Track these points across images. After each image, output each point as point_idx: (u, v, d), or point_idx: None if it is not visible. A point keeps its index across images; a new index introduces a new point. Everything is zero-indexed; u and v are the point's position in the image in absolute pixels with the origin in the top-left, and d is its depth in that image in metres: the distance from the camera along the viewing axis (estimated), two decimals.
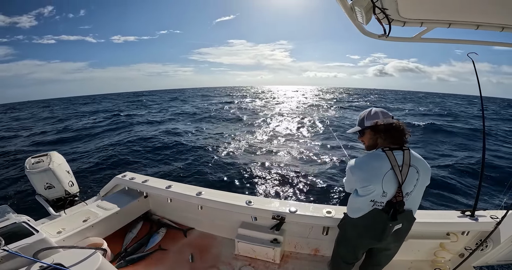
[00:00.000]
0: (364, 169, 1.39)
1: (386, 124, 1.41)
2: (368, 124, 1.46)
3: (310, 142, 10.49)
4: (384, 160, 1.33)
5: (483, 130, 2.01)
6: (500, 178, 6.34)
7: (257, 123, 15.64)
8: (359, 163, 1.42)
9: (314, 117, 17.92)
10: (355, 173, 1.41)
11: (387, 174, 1.31)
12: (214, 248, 2.52)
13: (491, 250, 1.93)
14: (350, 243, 1.67)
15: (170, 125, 15.22)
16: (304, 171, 6.88)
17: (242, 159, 7.97)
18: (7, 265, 1.45)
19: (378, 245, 1.56)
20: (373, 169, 1.35)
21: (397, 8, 1.18)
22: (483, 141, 1.99)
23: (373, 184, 1.34)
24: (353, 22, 1.31)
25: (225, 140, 10.79)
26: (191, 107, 27.54)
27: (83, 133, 13.71)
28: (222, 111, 22.12)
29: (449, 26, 1.33)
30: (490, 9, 1.16)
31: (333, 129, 13.18)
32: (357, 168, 1.41)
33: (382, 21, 1.27)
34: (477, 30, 1.33)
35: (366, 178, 1.37)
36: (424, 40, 1.47)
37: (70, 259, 1.46)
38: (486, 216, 1.96)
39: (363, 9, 1.15)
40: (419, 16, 1.30)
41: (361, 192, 1.41)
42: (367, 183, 1.36)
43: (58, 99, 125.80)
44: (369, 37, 1.47)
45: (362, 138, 1.55)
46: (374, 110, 1.48)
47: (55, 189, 2.85)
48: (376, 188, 1.34)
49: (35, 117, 26.46)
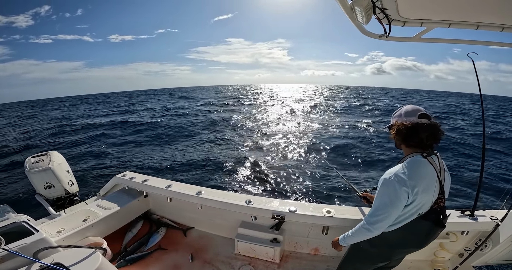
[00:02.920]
0: (420, 180, 1.19)
1: (410, 123, 1.24)
2: (398, 120, 1.32)
3: (310, 142, 10.49)
4: (429, 167, 1.22)
5: (483, 130, 2.01)
6: (500, 178, 6.35)
7: (257, 123, 15.64)
8: (410, 175, 1.18)
9: (312, 118, 17.93)
10: (410, 185, 1.16)
11: (436, 181, 1.23)
12: (214, 248, 2.52)
13: (490, 250, 1.93)
14: (373, 258, 1.50)
15: (171, 122, 15.23)
16: (304, 171, 6.89)
17: (242, 159, 7.97)
18: (7, 264, 1.45)
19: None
20: (428, 177, 1.21)
21: (397, 8, 1.18)
22: (483, 141, 1.98)
23: (429, 194, 1.21)
24: (353, 22, 1.31)
25: (225, 141, 10.79)
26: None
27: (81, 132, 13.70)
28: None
29: (449, 26, 1.33)
30: (490, 9, 1.16)
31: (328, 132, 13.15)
32: (412, 180, 1.17)
33: (382, 21, 1.27)
34: (477, 30, 1.33)
35: (424, 189, 1.19)
36: (424, 40, 1.47)
37: (70, 259, 1.46)
38: (486, 216, 1.96)
39: (363, 9, 1.15)
40: (419, 16, 1.30)
41: (410, 207, 1.22)
42: (424, 195, 1.20)
43: (45, 99, 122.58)
44: (369, 37, 1.47)
45: (392, 136, 1.39)
46: (404, 108, 1.33)
47: (55, 188, 2.85)
48: (429, 198, 1.22)
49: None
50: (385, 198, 1.22)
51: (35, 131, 15.39)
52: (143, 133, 12.92)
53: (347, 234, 1.45)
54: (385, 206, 1.22)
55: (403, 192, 1.17)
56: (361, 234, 1.35)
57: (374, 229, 1.27)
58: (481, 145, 2.00)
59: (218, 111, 22.08)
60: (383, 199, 1.23)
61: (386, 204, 1.22)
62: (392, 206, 1.20)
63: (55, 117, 22.68)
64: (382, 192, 1.23)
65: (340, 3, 1.17)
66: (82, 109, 30.53)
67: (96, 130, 14.01)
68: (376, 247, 1.42)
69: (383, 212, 1.23)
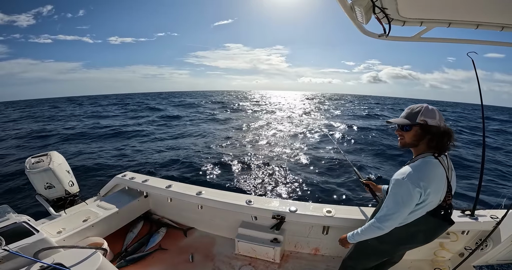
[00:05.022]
0: (432, 181, 1.21)
1: (444, 128, 1.25)
2: (421, 121, 1.27)
3: (310, 142, 10.49)
4: (441, 168, 1.25)
5: (483, 129, 2.01)
6: (500, 178, 6.35)
7: (257, 124, 15.65)
8: (423, 176, 1.21)
9: (312, 120, 17.94)
10: (423, 187, 1.19)
11: (445, 181, 1.26)
12: (214, 248, 2.52)
13: (491, 250, 1.93)
14: (380, 253, 1.55)
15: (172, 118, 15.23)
16: (303, 171, 6.89)
17: (242, 159, 7.97)
18: (7, 265, 1.45)
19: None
20: (439, 179, 1.24)
21: (396, 7, 1.18)
22: (483, 140, 1.98)
23: (438, 193, 1.25)
24: (353, 22, 1.31)
25: (224, 141, 10.79)
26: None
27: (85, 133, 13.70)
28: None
29: (449, 26, 1.33)
30: (490, 9, 1.16)
31: (329, 130, 13.16)
32: (425, 181, 1.19)
33: (382, 21, 1.27)
34: (476, 29, 1.33)
35: (435, 189, 1.22)
36: (423, 39, 1.47)
37: (71, 259, 1.46)
38: (486, 216, 1.96)
39: (363, 9, 1.15)
40: (419, 16, 1.30)
41: (420, 205, 1.26)
42: (434, 195, 1.23)
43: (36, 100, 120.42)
44: (369, 36, 1.47)
45: (404, 133, 1.34)
46: (430, 107, 1.30)
47: (55, 189, 2.85)
48: (438, 197, 1.25)
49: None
50: (397, 198, 1.25)
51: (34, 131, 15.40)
52: (142, 133, 12.93)
53: (356, 232, 1.47)
54: (398, 206, 1.25)
55: (416, 192, 1.20)
56: (371, 232, 1.38)
57: (385, 227, 1.30)
58: (481, 144, 2.00)
59: (221, 111, 22.12)
60: (396, 198, 1.25)
61: (398, 203, 1.25)
62: (405, 206, 1.24)
63: (54, 116, 22.74)
64: (395, 192, 1.26)
65: (340, 3, 1.17)
66: (85, 108, 30.40)
67: (96, 130, 14.01)
68: (384, 243, 1.45)
69: (395, 211, 1.26)
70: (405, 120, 1.32)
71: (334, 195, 5.48)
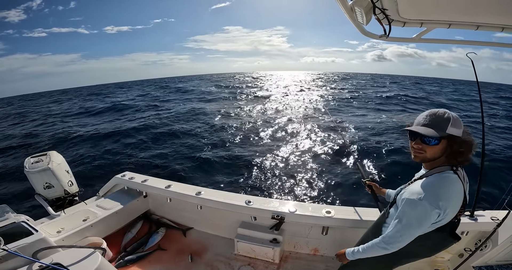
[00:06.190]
0: (451, 199, 1.10)
1: (470, 140, 1.11)
2: (453, 132, 1.06)
3: (310, 141, 10.49)
4: (460, 184, 1.11)
5: (483, 129, 2.01)
6: (500, 177, 6.35)
7: (254, 119, 15.62)
8: (442, 195, 1.07)
9: (313, 112, 17.74)
10: (442, 207, 1.06)
11: (463, 196, 1.14)
12: (214, 248, 2.52)
13: (490, 250, 1.93)
14: (381, 265, 1.44)
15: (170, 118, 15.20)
16: (303, 171, 6.89)
17: (242, 158, 7.97)
18: (6, 264, 1.45)
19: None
20: (458, 196, 1.12)
21: (397, 8, 1.18)
22: (482, 140, 1.98)
23: (457, 210, 1.13)
24: (353, 22, 1.31)
25: (223, 138, 10.79)
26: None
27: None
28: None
29: (449, 27, 1.33)
30: (490, 9, 1.16)
31: (335, 121, 12.97)
32: (443, 201, 1.06)
33: (382, 22, 1.27)
34: (477, 30, 1.33)
35: (453, 207, 1.11)
36: (424, 40, 1.47)
37: (69, 259, 1.46)
38: (486, 216, 1.96)
39: (363, 10, 1.15)
40: (419, 17, 1.30)
41: (435, 225, 1.15)
42: (452, 213, 1.12)
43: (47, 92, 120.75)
44: (369, 37, 1.47)
45: (427, 147, 1.12)
46: (454, 114, 1.09)
47: (55, 188, 2.84)
48: (455, 213, 1.14)
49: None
50: (411, 220, 1.11)
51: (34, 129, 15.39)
52: (141, 131, 12.92)
53: (357, 250, 1.36)
54: (410, 229, 1.13)
55: (435, 214, 1.07)
56: (375, 251, 1.27)
57: (392, 248, 1.19)
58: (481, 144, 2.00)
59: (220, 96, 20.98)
60: (409, 221, 1.12)
61: (411, 226, 1.12)
62: (419, 228, 1.12)
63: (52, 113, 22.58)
64: (409, 214, 1.12)
65: (340, 3, 1.17)
66: (80, 103, 30.05)
67: (96, 130, 14.00)
68: (387, 256, 1.32)
69: (406, 233, 1.14)
70: (433, 132, 1.06)
71: (334, 196, 5.48)
